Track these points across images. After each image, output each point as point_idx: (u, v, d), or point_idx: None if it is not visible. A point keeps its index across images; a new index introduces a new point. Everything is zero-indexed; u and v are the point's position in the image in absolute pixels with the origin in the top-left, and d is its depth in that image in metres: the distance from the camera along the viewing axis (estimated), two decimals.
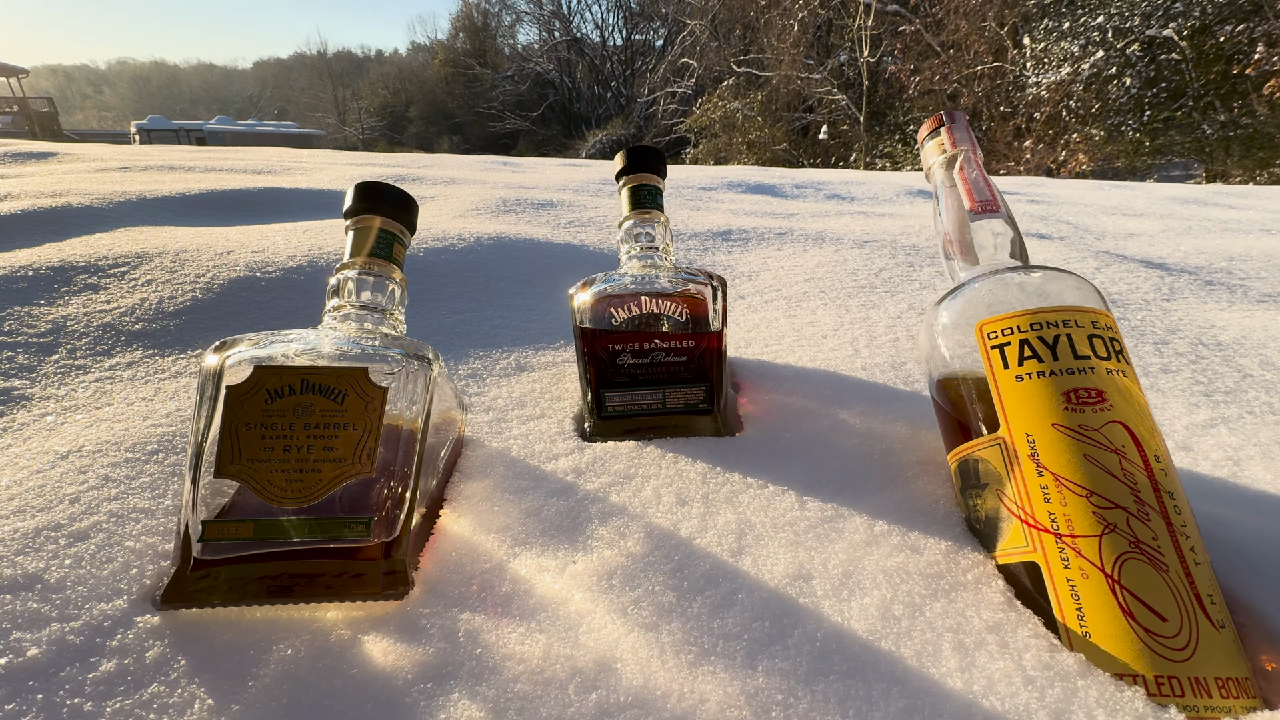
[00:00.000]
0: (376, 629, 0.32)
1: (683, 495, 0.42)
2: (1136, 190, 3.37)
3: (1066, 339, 0.35)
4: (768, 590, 0.33)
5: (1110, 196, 2.89)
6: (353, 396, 0.36)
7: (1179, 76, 9.80)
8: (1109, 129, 10.42)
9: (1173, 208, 2.52)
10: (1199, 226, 1.91)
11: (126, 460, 0.44)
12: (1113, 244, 1.51)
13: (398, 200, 0.47)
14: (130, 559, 0.35)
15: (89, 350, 0.62)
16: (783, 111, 15.59)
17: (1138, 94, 10.23)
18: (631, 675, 0.29)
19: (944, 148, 0.48)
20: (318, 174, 2.08)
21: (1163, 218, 2.12)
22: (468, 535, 0.39)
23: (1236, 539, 0.35)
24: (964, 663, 0.28)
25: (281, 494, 0.34)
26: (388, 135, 22.36)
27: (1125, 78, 10.18)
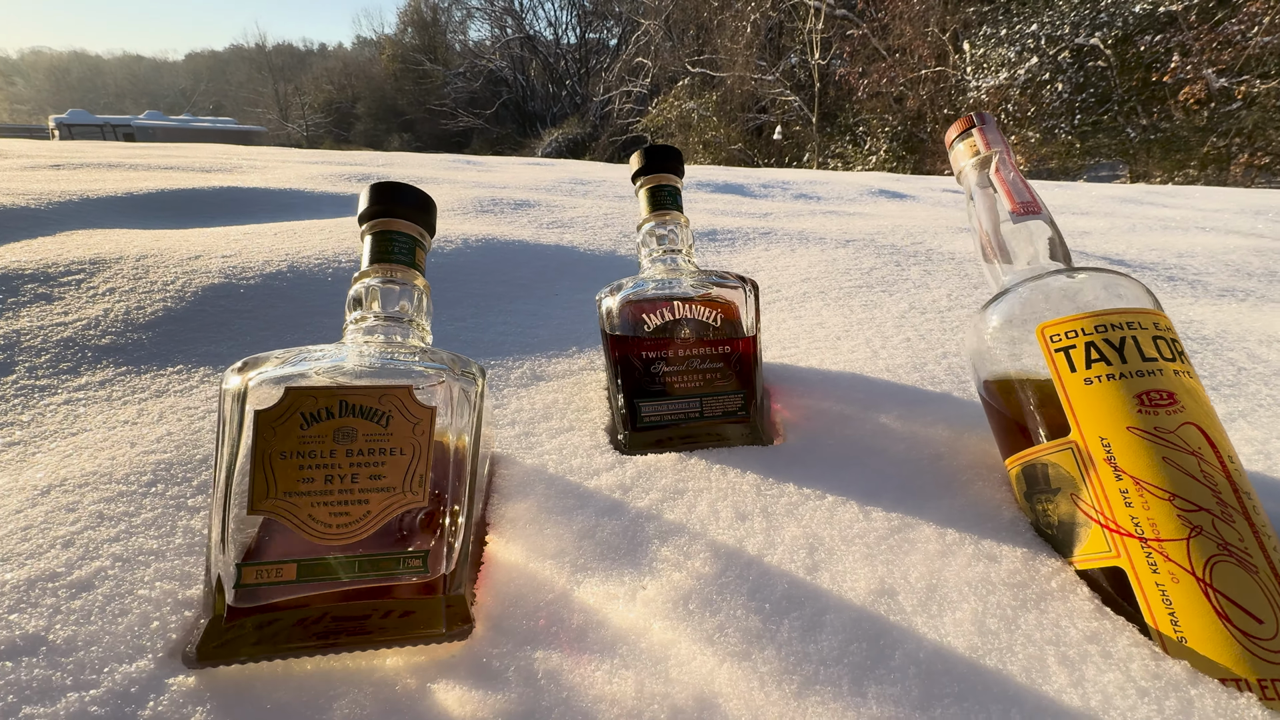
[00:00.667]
0: (445, 675, 0.29)
1: (740, 509, 0.40)
2: (1077, 190, 3.56)
3: (1133, 341, 0.35)
4: (854, 609, 0.32)
5: (1055, 196, 3.03)
6: (398, 418, 0.33)
7: (1105, 82, 10.41)
8: (1044, 131, 10.98)
9: (1114, 206, 2.66)
10: (1142, 224, 2.01)
11: (121, 494, 0.39)
12: (1072, 242, 1.57)
13: (417, 201, 0.43)
14: (147, 609, 0.31)
15: (51, 368, 0.56)
16: (737, 112, 15.81)
17: (1068, 98, 10.81)
18: (737, 711, 0.27)
19: (977, 149, 0.48)
20: (272, 172, 1.97)
21: (1107, 216, 2.23)
22: (521, 563, 0.36)
23: None
24: (1074, 677, 0.28)
25: (326, 530, 0.31)
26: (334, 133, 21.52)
27: (1057, 83, 10.74)
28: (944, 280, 0.98)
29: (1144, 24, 9.70)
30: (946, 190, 3.01)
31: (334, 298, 0.75)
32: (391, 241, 0.42)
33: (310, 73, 23.23)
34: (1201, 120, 9.30)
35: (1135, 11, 9.53)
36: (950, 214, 2.04)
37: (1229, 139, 9.08)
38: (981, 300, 0.86)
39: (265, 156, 2.65)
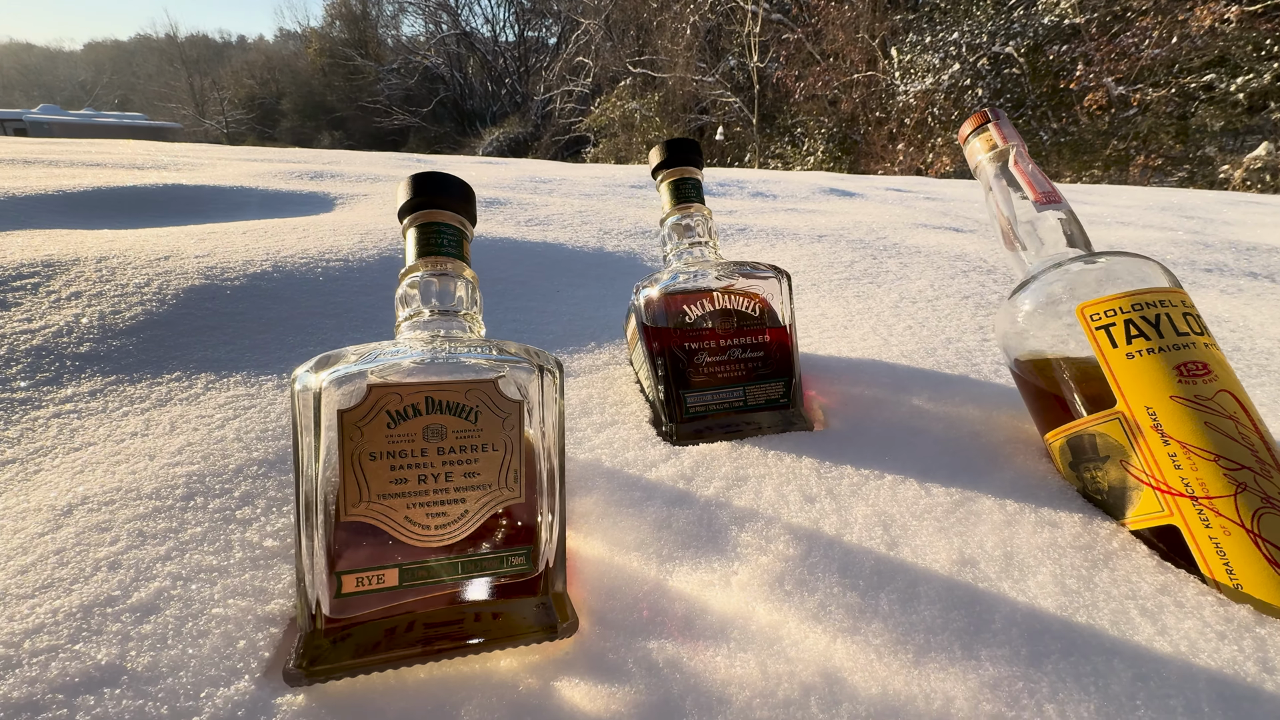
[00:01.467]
0: (564, 673, 0.28)
1: (806, 492, 0.41)
2: None
3: (1166, 317, 0.38)
4: (942, 579, 0.33)
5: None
6: (487, 413, 0.32)
7: (1019, 89, 11.14)
8: None
9: None
10: None
11: (156, 510, 0.36)
12: None
13: (461, 191, 0.42)
14: (228, 629, 0.29)
15: (28, 379, 0.51)
16: (679, 113, 15.99)
17: (988, 103, 11.51)
18: (865, 683, 0.28)
19: (994, 143, 0.51)
20: (211, 170, 1.85)
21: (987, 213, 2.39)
22: (605, 556, 0.36)
23: None
24: (1158, 626, 0.30)
25: (424, 532, 0.30)
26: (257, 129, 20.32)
27: (978, 88, 11.41)
28: (921, 272, 1.03)
29: (1052, 34, 10.43)
30: (891, 189, 3.14)
31: (329, 298, 0.71)
32: (439, 233, 0.40)
33: (229, 66, 21.82)
34: (1104, 125, 10.10)
35: (1044, 23, 10.25)
36: (901, 211, 2.13)
37: (1128, 142, 9.89)
38: (966, 290, 0.91)
39: (197, 153, 2.48)
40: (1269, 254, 1.53)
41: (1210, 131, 8.71)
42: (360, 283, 0.75)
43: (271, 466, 0.42)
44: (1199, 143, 8.98)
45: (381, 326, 0.67)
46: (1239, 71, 8.12)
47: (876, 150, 12.83)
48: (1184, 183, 8.76)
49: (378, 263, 0.81)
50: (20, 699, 0.24)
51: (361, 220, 1.08)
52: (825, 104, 13.78)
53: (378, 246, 0.86)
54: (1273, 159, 7.96)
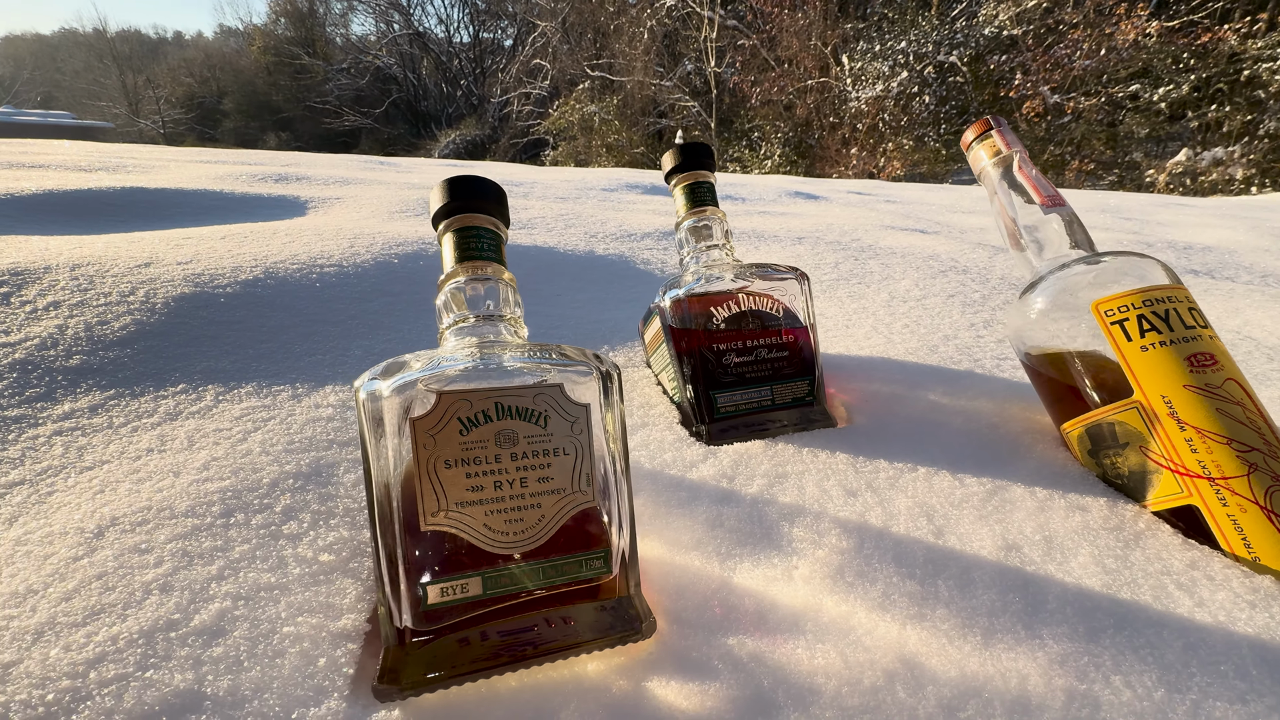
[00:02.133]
0: (652, 673, 0.29)
1: (847, 487, 0.42)
2: (957, 192, 3.96)
3: (1174, 312, 0.41)
4: (992, 564, 0.35)
5: (943, 197, 3.35)
6: (556, 417, 0.32)
7: (963, 96, 11.63)
8: (916, 139, 12.08)
9: None
10: None
11: (196, 529, 0.35)
12: (979, 237, 1.75)
13: (496, 194, 0.42)
14: (304, 647, 0.28)
15: (18, 395, 0.48)
16: (638, 116, 16.06)
17: (934, 110, 11.97)
18: (942, 666, 0.29)
19: (998, 149, 0.53)
20: (165, 171, 1.76)
21: (990, 214, 2.51)
22: (666, 556, 0.36)
23: None
24: (1196, 599, 0.32)
25: (502, 538, 0.29)
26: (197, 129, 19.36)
27: (924, 95, 11.87)
28: (904, 272, 1.07)
29: (992, 45, 10.93)
30: (852, 192, 3.23)
31: (329, 305, 0.69)
32: (478, 237, 0.40)
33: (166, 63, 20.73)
34: (1041, 130, 10.64)
35: (984, 34, 10.74)
36: (865, 213, 2.19)
37: (1063, 147, 10.46)
38: (949, 290, 0.95)
39: (146, 154, 2.36)
40: (1204, 252, 1.64)
41: (1137, 138, 9.29)
42: (359, 289, 0.73)
43: (307, 479, 0.40)
44: (1127, 148, 9.57)
45: (389, 333, 0.65)
46: (1160, 82, 8.69)
47: (831, 154, 13.17)
48: (1114, 185, 9.31)
49: (373, 268, 0.79)
50: None
51: (344, 224, 1.05)
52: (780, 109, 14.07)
53: (370, 251, 0.84)
54: (1192, 164, 8.54)
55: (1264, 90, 7.58)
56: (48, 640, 0.27)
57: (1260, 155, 7.70)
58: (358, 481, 0.41)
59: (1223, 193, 7.92)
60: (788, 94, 13.75)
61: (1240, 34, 7.80)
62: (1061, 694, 0.27)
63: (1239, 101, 8.10)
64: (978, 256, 1.29)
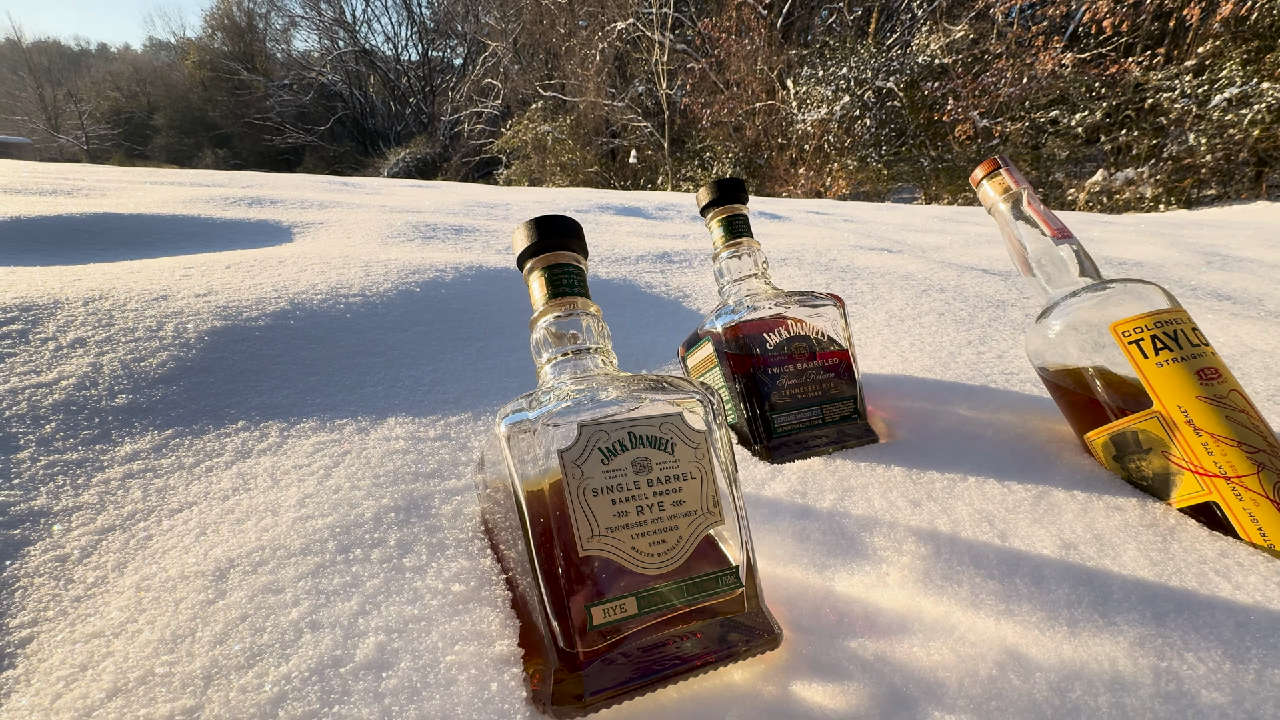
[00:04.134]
0: (794, 677, 0.31)
1: (910, 497, 0.46)
2: (907, 211, 4.18)
3: (1181, 332, 0.47)
4: (1056, 562, 0.39)
5: (893, 215, 3.53)
6: (681, 445, 0.34)
7: (901, 120, 12.27)
8: (859, 159, 12.65)
9: (942, 224, 3.16)
10: (973, 239, 2.42)
11: (320, 567, 0.35)
12: (943, 255, 1.86)
13: (575, 231, 0.44)
14: (472, 674, 0.29)
15: (70, 438, 0.47)
16: (591, 136, 16.22)
17: (875, 132, 12.57)
18: (1042, 654, 0.32)
19: (1007, 186, 0.59)
20: (127, 195, 1.69)
21: (941, 233, 2.66)
22: (768, 569, 0.39)
23: None
24: (1233, 583, 0.37)
25: (650, 560, 0.32)
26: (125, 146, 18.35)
27: (865, 119, 12.45)
28: (891, 293, 1.13)
29: (925, 72, 11.61)
30: (811, 211, 3.37)
31: (363, 336, 0.69)
32: (567, 274, 0.42)
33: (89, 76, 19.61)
34: (973, 152, 11.34)
35: (919, 62, 11.41)
36: (829, 233, 2.29)
37: None
38: (939, 308, 1.01)
39: (97, 176, 2.24)
40: (1136, 268, 1.79)
41: (1058, 159, 10.01)
42: (389, 319, 0.74)
43: (407, 513, 0.41)
44: (1049, 169, 10.28)
45: (433, 363, 0.66)
46: (1077, 109, 9.42)
47: (780, 173, 13.63)
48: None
49: (397, 297, 0.79)
50: None
51: (346, 251, 1.04)
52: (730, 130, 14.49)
53: (388, 280, 0.84)
54: (1107, 183, 9.26)
55: (1165, 117, 8.33)
56: (220, 684, 0.27)
57: (1165, 175, 8.42)
58: (456, 513, 0.42)
59: (1135, 209, 8.61)
60: (737, 115, 14.19)
61: (1143, 66, 8.56)
62: (1149, 672, 0.31)
63: (1145, 127, 8.87)
64: (947, 275, 1.37)
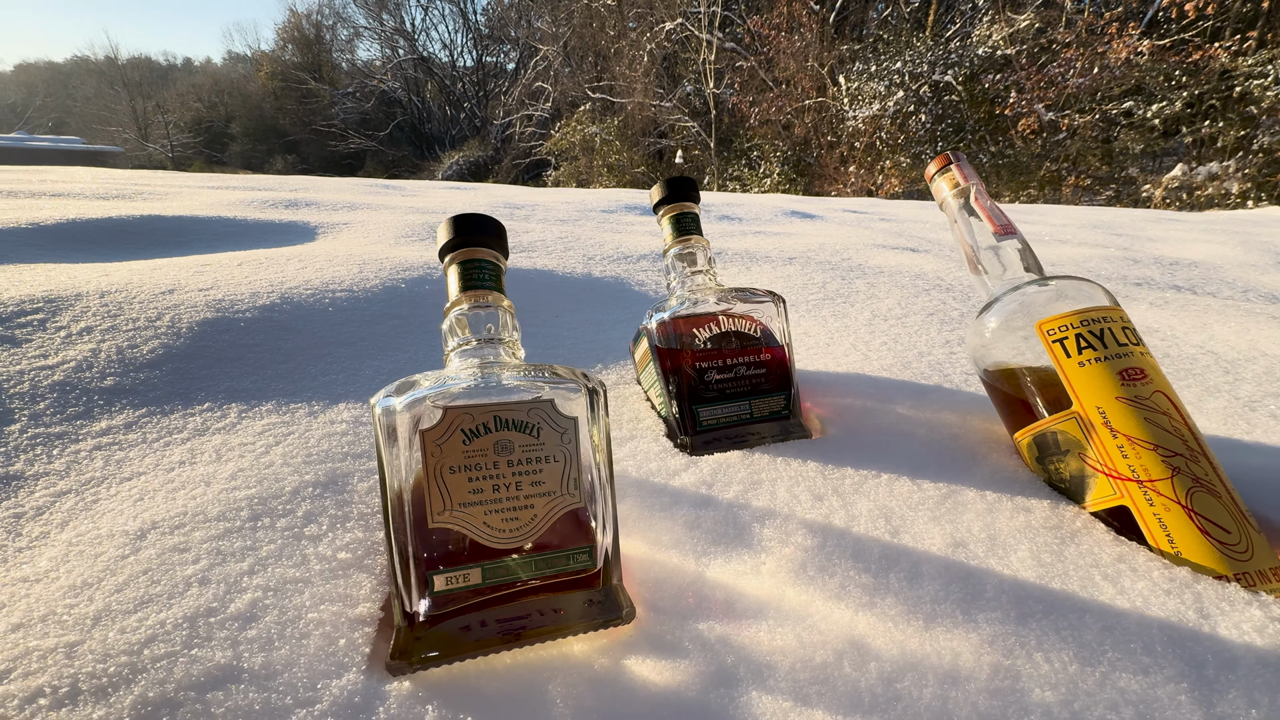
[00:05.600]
0: (631, 653, 0.33)
1: (815, 492, 0.46)
2: None
3: (1109, 331, 0.46)
4: (940, 559, 0.39)
5: (936, 214, 3.41)
6: (547, 429, 0.36)
7: (959, 115, 11.78)
8: (912, 157, 12.22)
9: None
10: None
11: (228, 531, 0.39)
12: None
13: (495, 229, 0.47)
14: (326, 630, 0.32)
15: (59, 413, 0.52)
16: (639, 136, 16.30)
17: (930, 128, 12.12)
18: (886, 647, 0.33)
19: (957, 182, 0.58)
20: (179, 199, 1.83)
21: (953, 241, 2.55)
22: (647, 554, 0.40)
23: None
24: (1118, 587, 0.36)
25: (500, 535, 0.34)
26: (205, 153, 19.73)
27: (921, 114, 12.03)
28: (889, 291, 1.11)
29: (986, 65, 11.10)
30: (848, 210, 3.30)
31: (339, 329, 0.74)
32: (479, 268, 0.44)
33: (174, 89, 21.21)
34: (1036, 148, 10.77)
35: (979, 54, 10.93)
36: (860, 232, 2.25)
37: (1059, 164, 10.57)
38: (930, 308, 0.99)
39: (161, 181, 2.44)
40: (1189, 268, 1.68)
41: (1132, 154, 9.39)
42: (367, 313, 0.78)
43: (325, 488, 0.45)
44: (1122, 164, 9.66)
45: (397, 354, 0.70)
46: (1154, 99, 8.81)
47: (829, 172, 13.34)
48: (1111, 201, 9.39)
49: (381, 292, 0.84)
50: (157, 698, 0.27)
51: (353, 250, 1.11)
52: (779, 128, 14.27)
53: (378, 276, 0.89)
54: (1187, 179, 8.63)
55: (1256, 106, 7.68)
56: (104, 625, 0.31)
57: (1255, 170, 7.77)
58: (371, 489, 0.45)
59: (1219, 207, 7.98)
60: (786, 114, 13.96)
61: (1231, 51, 7.92)
62: (988, 667, 0.31)
63: (1232, 117, 8.20)
64: (963, 274, 1.33)
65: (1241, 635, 0.32)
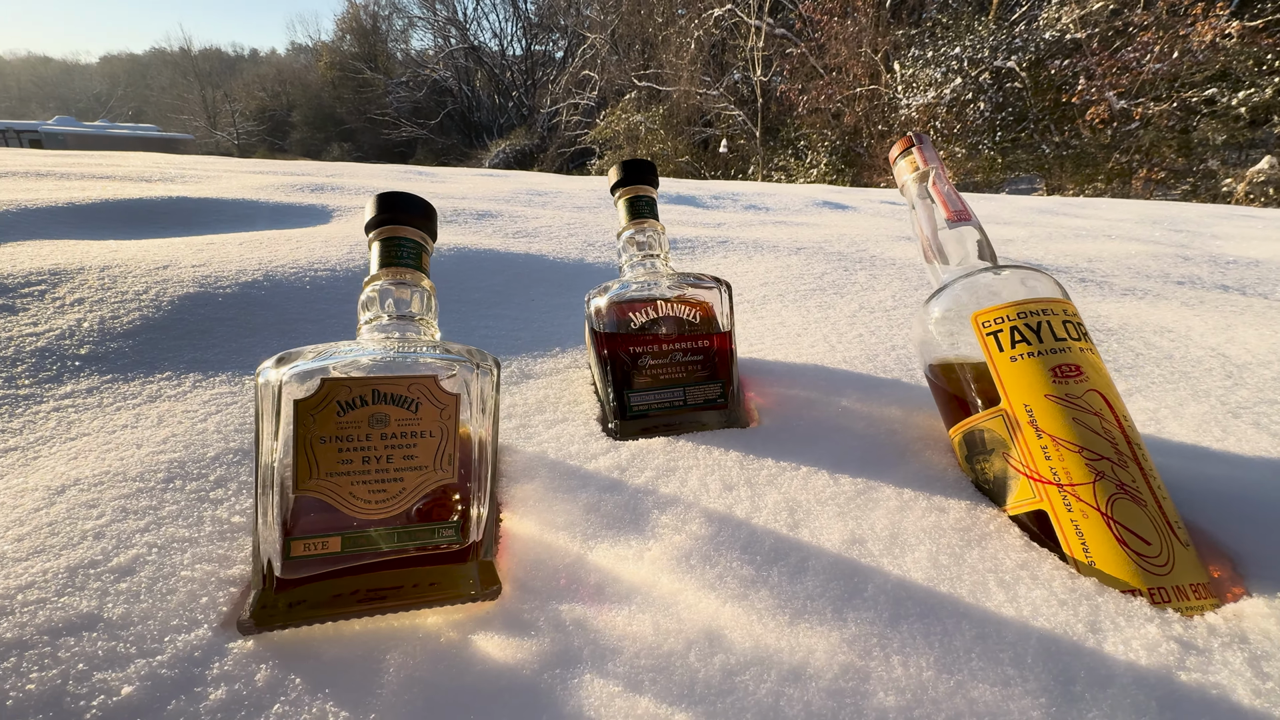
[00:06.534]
0: (483, 628, 0.33)
1: (727, 481, 0.45)
2: (1001, 201, 3.84)
3: (1047, 324, 0.43)
4: (831, 556, 0.38)
5: (982, 207, 3.26)
6: (426, 404, 0.37)
7: (1021, 102, 11.18)
8: (968, 147, 11.69)
9: (1032, 217, 2.88)
10: (1057, 233, 2.20)
11: (140, 491, 0.41)
12: (999, 249, 1.71)
13: (421, 209, 0.47)
14: (194, 588, 0.33)
15: (31, 378, 0.56)
16: (684, 125, 16.14)
17: (990, 116, 11.55)
18: (741, 639, 0.32)
19: (917, 165, 0.55)
20: (217, 182, 1.92)
21: (1027, 225, 2.43)
22: (536, 534, 0.40)
23: (1173, 479, 0.44)
24: (1010, 595, 0.34)
25: (366, 506, 0.34)
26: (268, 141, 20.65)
27: (979, 102, 11.48)
28: (888, 283, 1.07)
29: (1053, 49, 10.49)
30: (885, 201, 3.19)
31: (312, 305, 0.76)
32: (399, 246, 0.45)
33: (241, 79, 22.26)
34: (1106, 138, 10.13)
35: (1045, 38, 10.33)
36: (888, 223, 2.17)
37: (1130, 155, 9.91)
38: (922, 298, 0.95)
39: (205, 166, 2.56)
40: (1246, 267, 1.56)
41: (1213, 145, 8.73)
42: (344, 291, 0.80)
43: (245, 455, 0.46)
44: (1202, 156, 8.99)
45: None
46: (1240, 86, 8.15)
47: (879, 163, 12.90)
48: (1187, 196, 8.76)
49: (362, 272, 0.86)
50: (12, 639, 0.29)
51: (355, 232, 1.14)
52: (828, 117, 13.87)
53: (364, 257, 0.91)
54: (1275, 172, 7.97)
55: None
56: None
57: None
58: None
59: None
60: (836, 102, 13.55)
61: None
62: (837, 667, 0.30)
63: None
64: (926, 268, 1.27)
65: (1127, 653, 0.30)
